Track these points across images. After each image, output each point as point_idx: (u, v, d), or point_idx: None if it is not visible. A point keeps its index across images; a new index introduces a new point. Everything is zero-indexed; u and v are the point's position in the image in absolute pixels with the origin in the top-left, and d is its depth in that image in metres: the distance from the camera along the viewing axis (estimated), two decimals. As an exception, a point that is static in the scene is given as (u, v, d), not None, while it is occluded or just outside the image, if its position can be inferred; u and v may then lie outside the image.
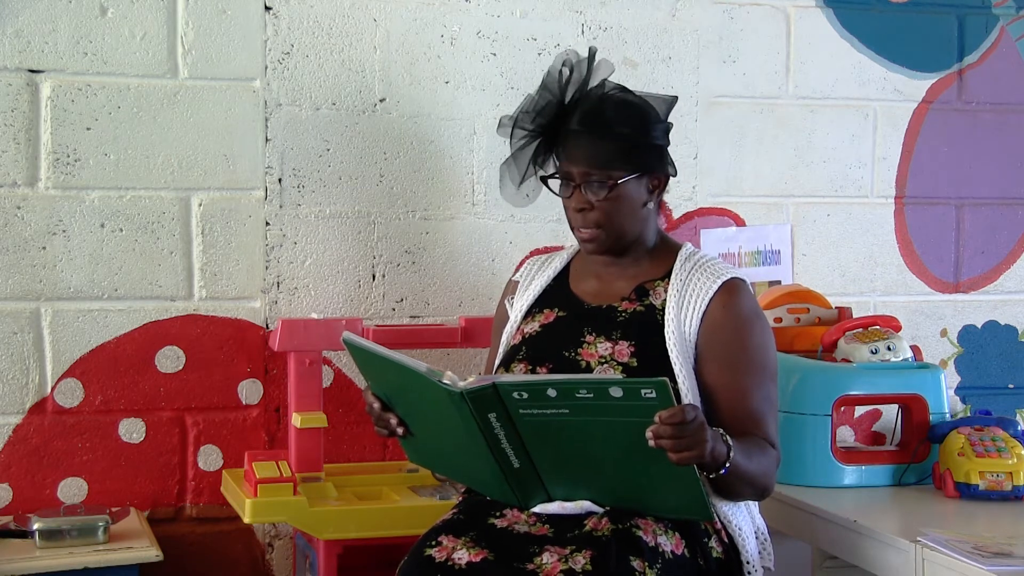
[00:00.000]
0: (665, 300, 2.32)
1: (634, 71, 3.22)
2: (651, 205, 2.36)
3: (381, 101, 3.09)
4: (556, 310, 2.42)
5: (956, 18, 3.52)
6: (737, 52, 3.35)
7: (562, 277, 2.48)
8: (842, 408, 2.92)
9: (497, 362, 2.43)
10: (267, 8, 3.00)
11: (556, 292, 2.45)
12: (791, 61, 3.40)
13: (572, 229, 2.37)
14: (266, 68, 3.01)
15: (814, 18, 3.40)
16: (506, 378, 2.03)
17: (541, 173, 2.40)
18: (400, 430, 2.22)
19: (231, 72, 2.98)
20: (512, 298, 2.50)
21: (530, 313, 2.45)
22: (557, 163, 2.38)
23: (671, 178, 2.39)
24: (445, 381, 2.04)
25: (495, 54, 3.16)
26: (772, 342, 2.35)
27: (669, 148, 2.38)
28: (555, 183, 2.38)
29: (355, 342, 2.17)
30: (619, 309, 2.35)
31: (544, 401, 2.00)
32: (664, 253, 2.40)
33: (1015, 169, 3.59)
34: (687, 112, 3.28)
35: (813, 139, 3.42)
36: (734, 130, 3.36)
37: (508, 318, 2.48)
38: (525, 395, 2.00)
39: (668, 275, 2.36)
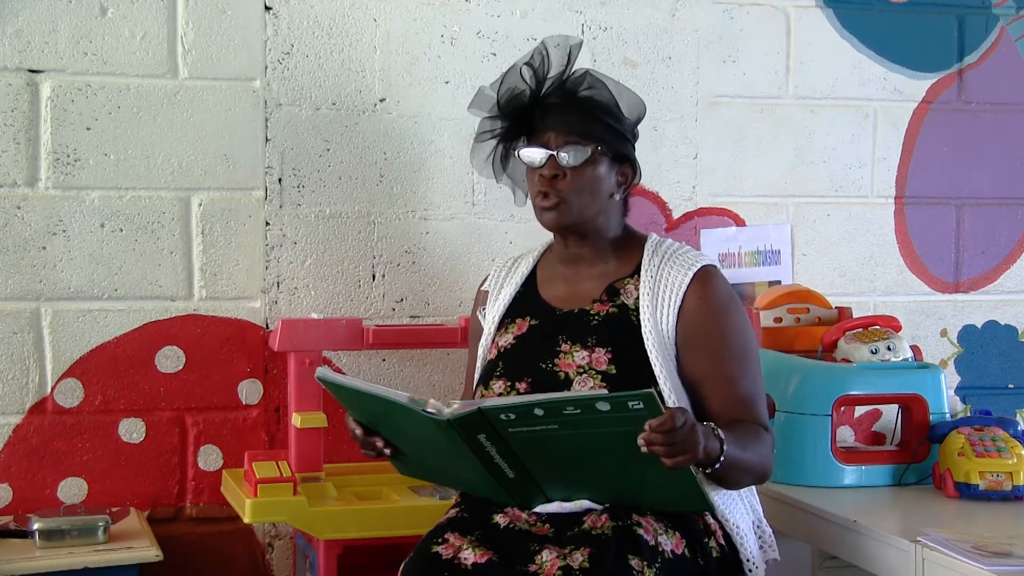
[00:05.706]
0: (638, 298, 2.31)
1: (634, 71, 3.23)
2: (617, 198, 2.35)
3: (381, 101, 3.08)
4: (528, 319, 2.39)
5: (956, 18, 3.51)
6: (737, 52, 3.35)
7: (530, 283, 2.46)
8: (842, 408, 2.92)
9: (476, 380, 2.42)
10: (267, 8, 3.00)
11: (526, 300, 2.43)
12: (791, 61, 3.40)
13: (534, 203, 2.35)
14: (266, 68, 3.01)
15: (814, 18, 3.40)
16: (491, 402, 2.02)
17: (519, 148, 2.36)
18: (388, 451, 2.21)
19: (231, 72, 2.98)
20: (483, 309, 2.48)
21: (502, 324, 2.42)
22: (526, 142, 2.36)
23: (637, 181, 2.39)
24: (429, 410, 2.03)
25: (495, 54, 3.16)
26: (749, 324, 2.35)
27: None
28: (528, 156, 2.33)
29: (331, 379, 2.14)
30: (591, 312, 2.33)
31: (532, 419, 1.99)
32: (630, 248, 2.38)
33: (1015, 169, 3.59)
34: (687, 112, 3.28)
35: (813, 139, 3.42)
36: (734, 130, 3.35)
37: (482, 330, 2.46)
38: (512, 416, 2.00)
39: (637, 271, 2.35)
